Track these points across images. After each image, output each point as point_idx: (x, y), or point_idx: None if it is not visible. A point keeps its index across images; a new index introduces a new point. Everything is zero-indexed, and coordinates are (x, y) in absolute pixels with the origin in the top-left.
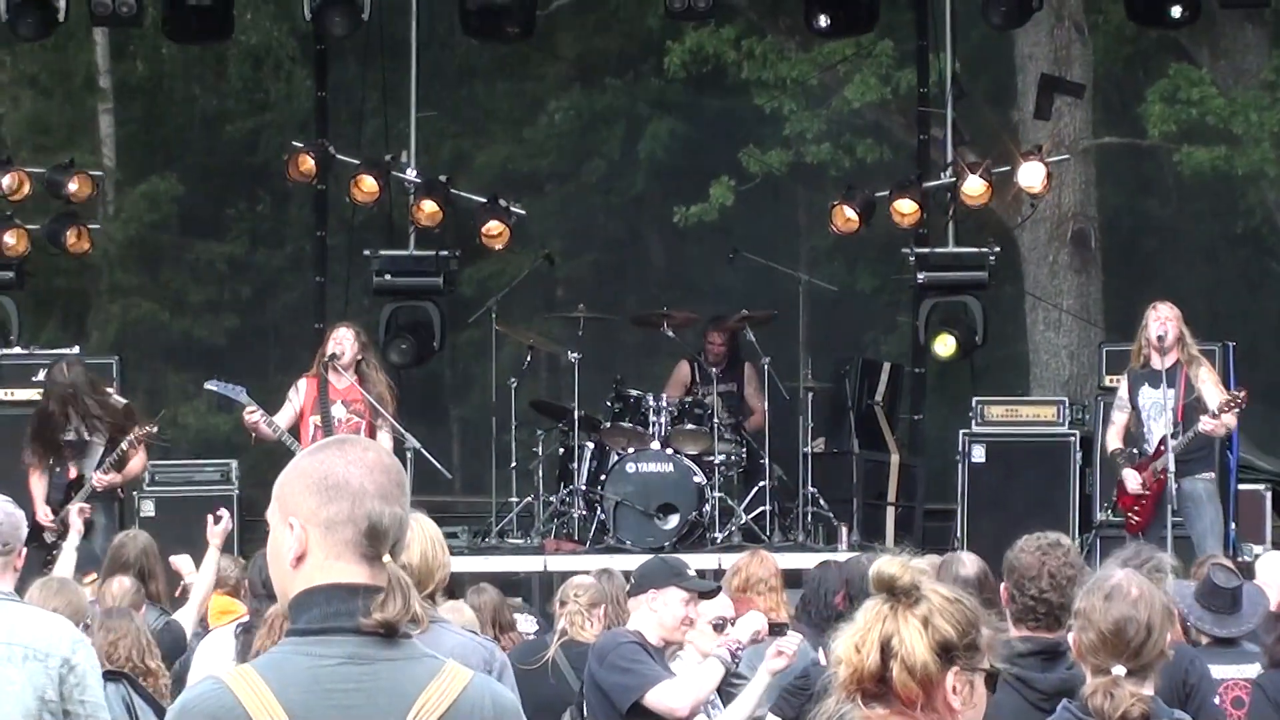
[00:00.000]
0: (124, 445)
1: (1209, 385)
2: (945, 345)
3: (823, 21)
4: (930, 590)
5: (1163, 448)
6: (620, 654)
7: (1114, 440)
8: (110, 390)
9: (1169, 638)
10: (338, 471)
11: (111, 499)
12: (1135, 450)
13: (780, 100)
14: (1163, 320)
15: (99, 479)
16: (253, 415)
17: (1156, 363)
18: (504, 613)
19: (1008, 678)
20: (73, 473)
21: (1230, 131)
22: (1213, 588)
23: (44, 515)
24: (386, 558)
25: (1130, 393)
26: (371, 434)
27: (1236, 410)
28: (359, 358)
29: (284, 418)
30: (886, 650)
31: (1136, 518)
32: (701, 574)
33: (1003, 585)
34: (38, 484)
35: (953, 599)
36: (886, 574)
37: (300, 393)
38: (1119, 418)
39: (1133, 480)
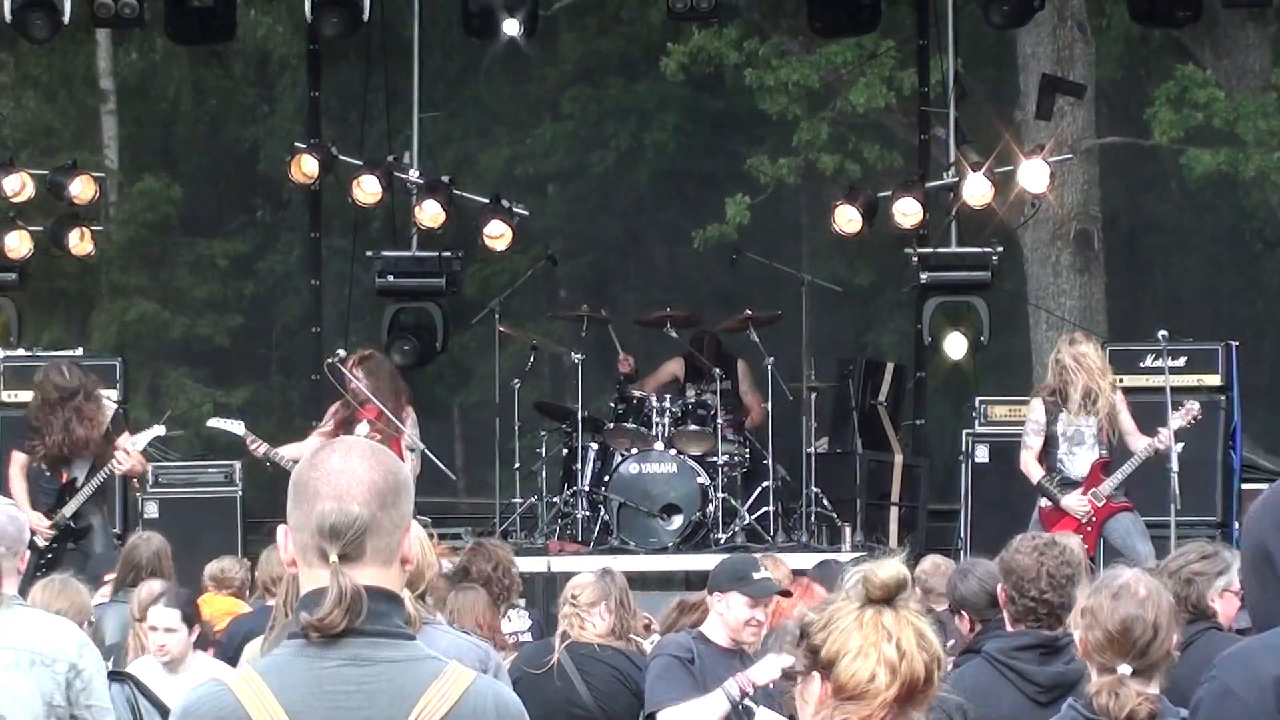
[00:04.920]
0: (108, 470)
1: (1124, 411)
2: (957, 345)
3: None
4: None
5: (1102, 475)
6: (656, 664)
7: (1036, 465)
8: (104, 398)
9: (1175, 638)
10: (304, 477)
11: (103, 499)
12: (1063, 479)
13: (784, 103)
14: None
15: (119, 461)
16: (257, 447)
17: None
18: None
19: (1004, 671)
20: (64, 477)
21: (1235, 134)
22: None
23: (38, 520)
24: (334, 557)
25: (1048, 418)
26: (396, 448)
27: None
28: (368, 383)
29: (315, 435)
30: (930, 658)
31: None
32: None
33: (1000, 586)
34: (20, 483)
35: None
36: (894, 579)
37: (332, 417)
38: (1035, 442)
39: (1083, 508)
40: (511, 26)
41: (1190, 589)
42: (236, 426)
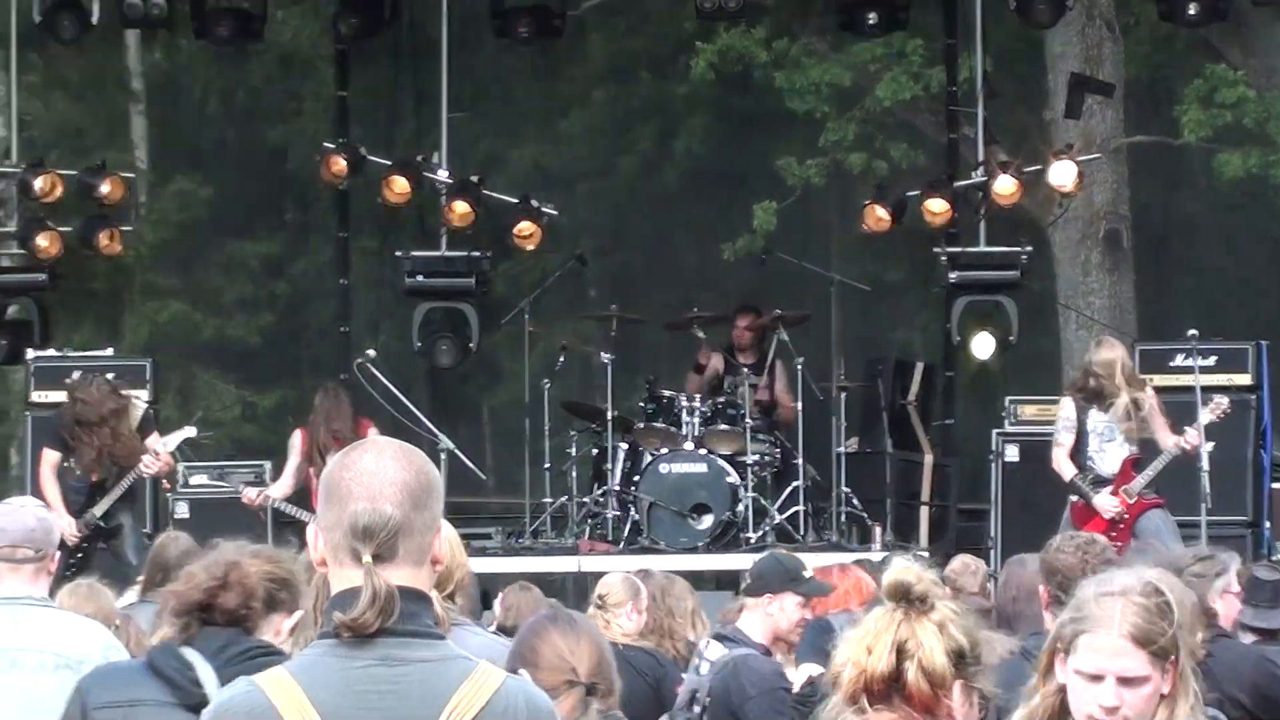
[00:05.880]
0: (138, 471)
1: (1156, 410)
2: (984, 345)
3: (871, 19)
4: (941, 602)
5: (1133, 471)
6: (774, 701)
7: (1068, 463)
8: (133, 401)
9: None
10: (334, 477)
11: (134, 499)
12: (1095, 476)
13: (813, 103)
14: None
15: (147, 465)
16: (253, 499)
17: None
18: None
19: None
20: (94, 477)
21: (1266, 134)
22: (1255, 581)
23: (68, 524)
24: (367, 558)
25: (1079, 415)
26: None
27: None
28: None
29: (291, 470)
30: (902, 653)
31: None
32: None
33: (1042, 587)
34: (52, 484)
35: (961, 612)
36: (903, 581)
37: (298, 446)
38: (1066, 439)
39: (1113, 506)
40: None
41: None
42: (231, 480)
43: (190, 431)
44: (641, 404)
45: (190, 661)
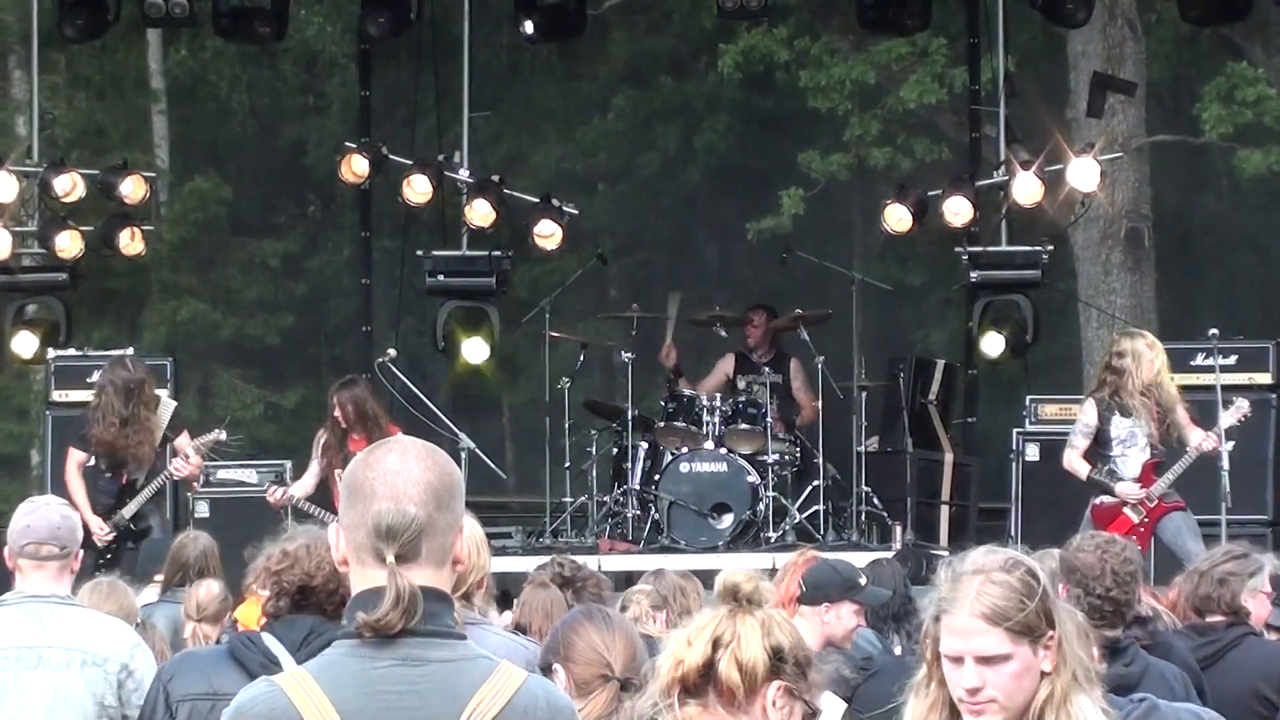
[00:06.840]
0: (168, 473)
1: (1180, 405)
2: (994, 344)
3: (895, 19)
4: (771, 608)
5: (1153, 475)
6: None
7: (1081, 461)
8: (164, 400)
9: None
10: (358, 477)
11: (161, 498)
12: (1111, 471)
13: (836, 101)
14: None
15: (177, 469)
16: (275, 494)
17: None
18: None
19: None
20: (124, 479)
21: None
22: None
23: (97, 526)
24: (390, 558)
25: (1100, 420)
26: None
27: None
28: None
29: (315, 469)
30: (717, 644)
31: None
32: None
33: (1061, 586)
34: (77, 482)
35: (792, 623)
36: (732, 583)
37: (323, 451)
38: (1081, 443)
39: (1135, 494)
40: (529, 27)
41: (1223, 589)
42: (250, 475)
43: (220, 435)
44: (662, 403)
45: (274, 653)
